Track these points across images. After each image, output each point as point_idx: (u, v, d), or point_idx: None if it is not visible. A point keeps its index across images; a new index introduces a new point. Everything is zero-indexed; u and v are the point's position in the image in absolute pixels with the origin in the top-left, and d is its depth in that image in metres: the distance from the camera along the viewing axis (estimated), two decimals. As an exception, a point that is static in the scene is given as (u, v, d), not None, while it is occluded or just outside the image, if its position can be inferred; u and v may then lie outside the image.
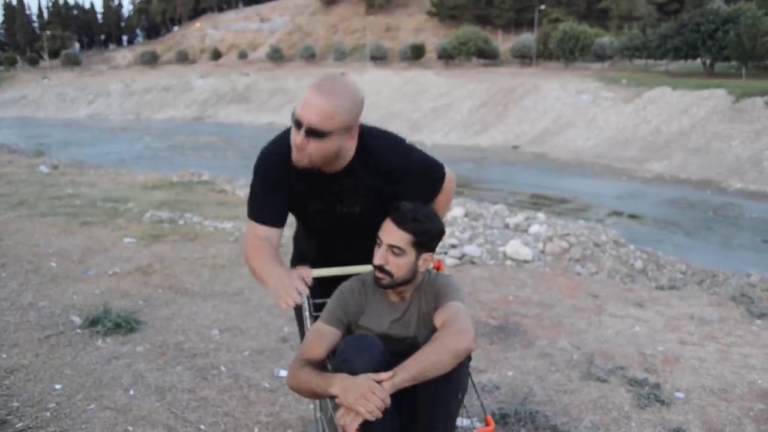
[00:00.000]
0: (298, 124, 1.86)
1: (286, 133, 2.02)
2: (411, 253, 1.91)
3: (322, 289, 2.21)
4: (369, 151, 2.02)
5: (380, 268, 1.92)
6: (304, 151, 1.88)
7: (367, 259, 2.09)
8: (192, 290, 4.77)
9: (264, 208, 2.13)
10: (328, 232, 2.22)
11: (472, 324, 1.84)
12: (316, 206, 2.11)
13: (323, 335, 1.93)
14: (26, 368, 3.18)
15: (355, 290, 2.02)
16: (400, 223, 1.89)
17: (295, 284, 1.94)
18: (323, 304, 2.08)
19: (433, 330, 1.87)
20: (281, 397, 3.10)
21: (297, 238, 2.42)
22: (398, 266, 1.92)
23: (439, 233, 1.96)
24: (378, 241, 1.94)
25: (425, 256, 1.95)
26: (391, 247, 1.90)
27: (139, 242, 6.20)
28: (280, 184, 2.08)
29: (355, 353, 1.80)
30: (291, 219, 2.25)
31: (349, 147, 1.98)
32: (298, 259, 2.42)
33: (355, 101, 1.90)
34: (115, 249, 5.87)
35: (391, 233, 1.91)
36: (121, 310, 3.97)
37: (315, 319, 2.13)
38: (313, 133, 1.84)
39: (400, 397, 1.73)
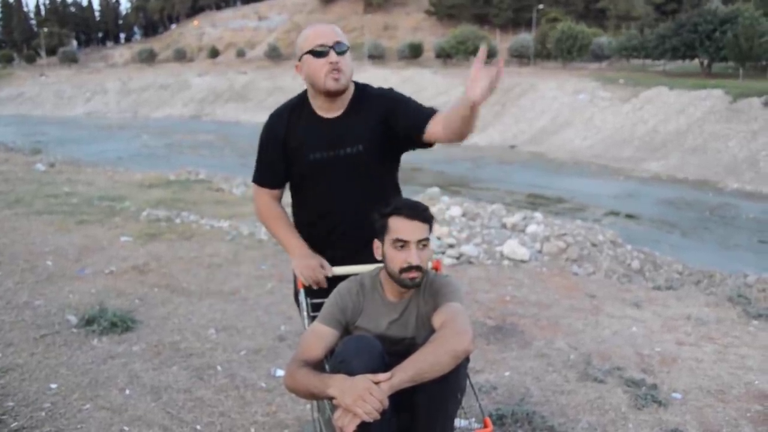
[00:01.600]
0: (322, 51, 2.09)
1: (286, 102, 2.30)
2: (429, 242, 1.96)
3: (320, 289, 2.22)
4: (361, 92, 2.25)
5: (418, 268, 1.91)
6: (340, 68, 2.10)
7: (358, 231, 2.20)
8: (188, 289, 4.75)
9: (266, 171, 2.34)
10: (325, 190, 2.25)
11: (470, 325, 1.84)
12: (317, 155, 2.20)
13: (321, 336, 1.92)
14: (21, 367, 3.16)
15: (353, 291, 2.01)
16: (417, 216, 1.91)
17: (317, 273, 2.22)
18: (321, 304, 2.07)
19: (432, 331, 1.87)
20: (278, 397, 3.09)
21: (301, 232, 2.41)
22: (426, 259, 1.94)
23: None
24: (400, 244, 1.90)
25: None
26: (420, 242, 1.91)
27: (135, 241, 6.19)
28: (277, 140, 2.25)
29: (354, 354, 1.79)
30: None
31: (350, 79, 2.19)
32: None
33: None
34: (112, 248, 5.85)
35: (416, 229, 1.91)
36: (117, 309, 3.96)
37: (312, 319, 2.12)
38: (342, 49, 2.11)
39: (398, 398, 1.73)
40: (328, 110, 2.20)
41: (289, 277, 5.12)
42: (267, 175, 2.34)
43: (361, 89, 2.26)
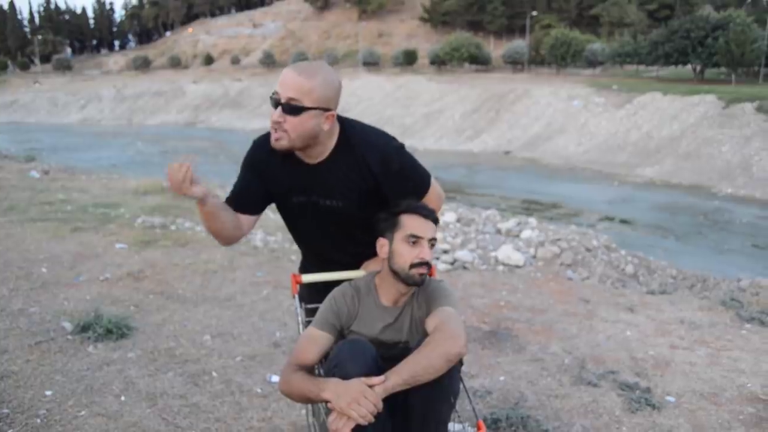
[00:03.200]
0: (275, 101, 1.92)
1: (268, 133, 2.06)
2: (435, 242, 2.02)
3: (314, 294, 2.22)
4: (351, 144, 2.03)
5: (428, 264, 1.96)
6: (282, 129, 1.91)
7: (357, 260, 2.20)
8: (183, 296, 4.76)
9: (240, 196, 2.15)
10: (313, 230, 2.21)
11: (463, 329, 1.86)
12: (300, 199, 2.12)
13: (315, 340, 1.93)
14: (16, 375, 3.16)
15: (348, 295, 2.02)
16: (429, 216, 1.98)
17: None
18: (316, 309, 2.08)
19: (425, 335, 1.88)
20: (273, 403, 3.09)
21: (298, 242, 2.42)
22: (432, 256, 2.01)
23: None
24: (413, 239, 1.94)
25: None
26: (430, 240, 1.98)
27: (130, 248, 6.18)
28: (261, 174, 2.12)
29: (348, 358, 1.80)
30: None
31: (327, 131, 1.98)
32: (304, 264, 2.45)
33: (330, 80, 1.93)
34: (107, 255, 5.85)
35: (428, 228, 1.97)
36: (112, 316, 3.95)
37: (307, 323, 2.13)
38: (290, 108, 1.88)
39: (392, 401, 1.74)
40: (306, 156, 2.04)
41: (285, 283, 5.14)
42: (236, 197, 2.15)
43: (347, 135, 2.04)
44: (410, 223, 1.96)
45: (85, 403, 2.94)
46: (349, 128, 2.06)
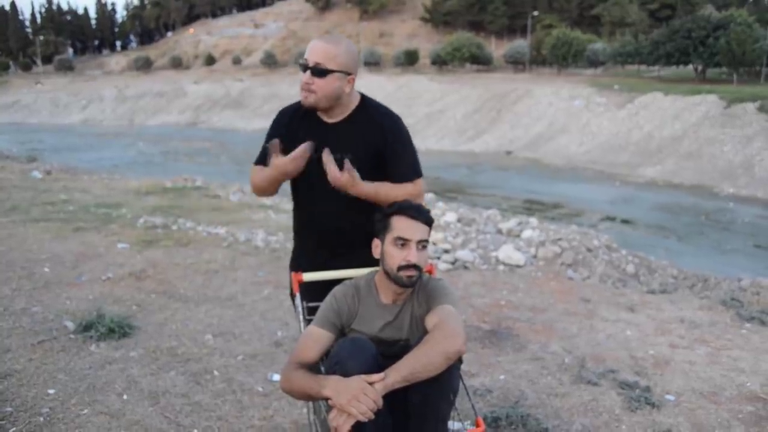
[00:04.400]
0: (304, 66, 2.16)
1: (298, 101, 2.31)
2: (429, 244, 2.04)
3: (315, 292, 2.25)
4: (368, 109, 2.30)
5: (415, 266, 1.95)
6: (311, 89, 2.16)
7: (356, 233, 2.23)
8: (185, 295, 4.78)
9: (265, 156, 2.32)
10: (319, 189, 2.26)
11: (462, 327, 1.88)
12: (313, 155, 2.22)
13: (316, 338, 1.96)
14: (19, 373, 3.18)
15: (348, 294, 2.05)
16: (420, 217, 1.98)
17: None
18: (317, 308, 2.10)
19: (425, 332, 1.90)
20: (275, 402, 3.11)
21: (297, 231, 2.47)
22: (425, 259, 1.99)
23: None
24: (401, 242, 1.96)
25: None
26: (420, 242, 1.97)
27: (132, 248, 6.20)
28: (284, 134, 2.29)
29: (348, 356, 1.83)
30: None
31: (348, 94, 2.24)
32: (298, 255, 2.48)
33: (351, 48, 2.23)
34: (109, 254, 5.87)
35: (417, 229, 1.97)
36: (114, 315, 3.98)
37: (308, 322, 2.15)
38: (318, 71, 2.15)
39: (392, 398, 1.76)
40: (328, 116, 2.27)
41: (285, 284, 5.15)
42: (265, 159, 2.32)
43: (366, 103, 2.32)
44: (398, 225, 1.97)
45: (87, 402, 2.96)
46: (367, 99, 2.34)
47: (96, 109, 62.22)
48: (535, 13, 64.80)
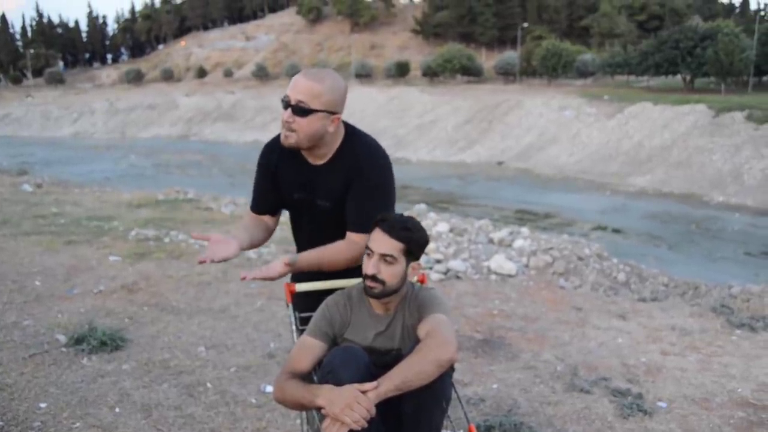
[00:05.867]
0: (286, 103, 2.05)
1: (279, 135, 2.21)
2: (402, 262, 1.95)
3: (308, 302, 2.25)
4: (349, 149, 2.18)
5: (373, 278, 1.93)
6: (291, 128, 2.06)
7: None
8: (178, 308, 4.76)
9: (259, 202, 2.37)
10: (309, 226, 2.31)
11: (454, 335, 1.89)
12: (300, 195, 2.25)
13: (308, 348, 1.96)
14: (11, 387, 3.16)
15: (341, 304, 2.05)
16: (391, 232, 1.93)
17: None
18: (309, 318, 2.10)
19: (417, 341, 1.91)
20: (268, 413, 3.11)
21: (296, 246, 2.48)
22: (391, 275, 1.94)
23: (426, 242, 2.02)
24: (368, 252, 1.96)
25: (413, 264, 2.00)
26: (383, 256, 1.92)
27: (124, 260, 6.19)
28: (267, 174, 2.28)
29: (341, 365, 1.83)
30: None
31: (332, 134, 2.12)
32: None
33: (338, 85, 2.08)
34: (101, 267, 5.85)
35: (382, 242, 1.93)
36: (106, 328, 3.96)
37: (301, 332, 2.16)
38: (300, 110, 2.03)
39: (385, 407, 1.76)
40: (311, 156, 2.19)
41: (278, 296, 5.15)
42: (256, 202, 2.38)
43: (348, 141, 2.19)
44: (372, 235, 1.98)
45: (79, 415, 2.95)
46: (351, 135, 2.20)
47: (87, 122, 62.07)
48: (525, 24, 65.33)
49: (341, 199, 2.18)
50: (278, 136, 2.21)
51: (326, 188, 2.19)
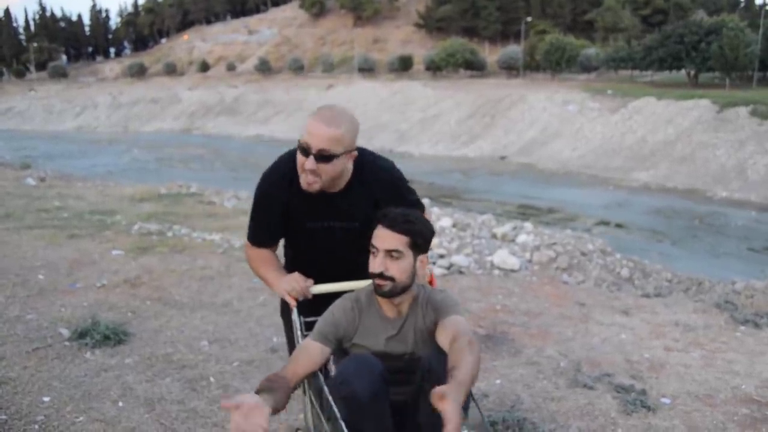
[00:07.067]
0: (306, 151, 2.04)
1: (283, 159, 2.24)
2: (409, 256, 1.91)
3: (314, 307, 2.22)
4: (363, 172, 2.22)
5: (381, 275, 1.89)
6: (316, 174, 2.06)
7: (361, 274, 2.15)
8: (180, 302, 4.77)
9: (261, 232, 2.33)
10: (320, 249, 2.29)
11: (473, 336, 1.86)
12: (315, 225, 2.23)
13: (309, 351, 1.93)
14: (14, 381, 3.17)
15: (348, 307, 2.01)
16: (394, 226, 1.89)
17: (299, 282, 2.20)
18: (314, 323, 2.07)
19: (432, 344, 1.89)
20: (270, 408, 3.10)
21: (288, 260, 2.46)
22: (399, 270, 1.90)
23: (431, 233, 1.99)
24: (373, 250, 1.92)
25: (421, 257, 1.96)
26: (389, 252, 1.89)
27: (127, 254, 6.19)
28: (276, 207, 2.24)
29: (354, 375, 1.79)
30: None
31: (350, 166, 2.17)
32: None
33: (354, 125, 2.11)
34: (103, 261, 5.86)
35: (386, 238, 1.89)
36: (109, 322, 3.97)
37: (306, 337, 2.12)
38: (324, 158, 2.03)
39: (401, 417, 1.73)
40: (326, 188, 2.17)
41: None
42: (263, 235, 2.33)
43: (362, 166, 2.22)
44: (375, 232, 1.94)
45: (83, 409, 2.95)
46: (360, 158, 2.22)
47: (90, 115, 62.07)
48: (529, 18, 65.06)
49: (368, 218, 2.11)
50: (278, 174, 2.22)
51: (350, 212, 2.21)
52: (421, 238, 1.94)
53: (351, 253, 2.25)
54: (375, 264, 1.91)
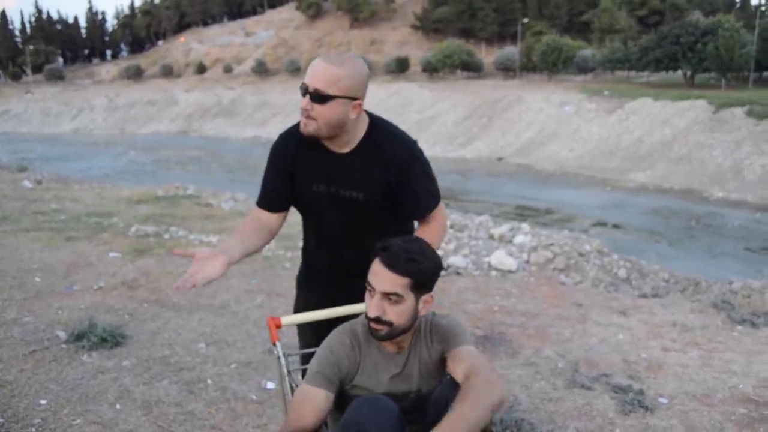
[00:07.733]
0: (304, 90, 1.93)
1: (297, 124, 2.08)
2: (410, 298, 1.66)
3: (313, 335, 2.10)
4: (378, 137, 2.06)
5: (377, 320, 1.66)
6: (310, 116, 1.93)
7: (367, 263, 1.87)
8: (178, 304, 4.76)
9: (266, 194, 2.18)
10: (328, 222, 2.14)
11: (494, 370, 1.68)
12: (320, 188, 2.08)
13: (313, 401, 1.66)
14: (11, 384, 3.16)
15: (347, 343, 1.76)
16: (393, 266, 1.63)
17: (198, 265, 1.81)
18: (311, 355, 1.84)
19: (440, 378, 1.74)
20: (268, 409, 3.10)
21: (305, 250, 2.33)
22: (398, 314, 1.66)
23: (438, 268, 1.72)
24: (369, 288, 1.68)
25: (425, 297, 1.71)
26: (386, 294, 1.64)
27: (124, 257, 6.18)
28: (282, 162, 2.12)
29: (370, 421, 1.58)
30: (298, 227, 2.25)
31: (354, 121, 2.00)
32: (306, 273, 2.34)
33: (358, 69, 1.95)
34: (100, 264, 5.84)
35: (384, 279, 1.64)
36: (106, 324, 3.96)
37: (303, 372, 1.96)
38: (318, 97, 1.90)
39: None
40: (334, 145, 2.04)
41: (279, 291, 5.14)
42: (268, 196, 2.17)
43: (376, 128, 2.07)
44: (372, 267, 1.68)
45: (80, 412, 2.94)
46: (377, 123, 2.10)
47: (87, 118, 61.99)
48: (525, 20, 65.17)
49: (376, 191, 2.03)
50: (296, 124, 2.06)
51: (356, 178, 2.04)
52: (424, 276, 1.68)
53: (359, 233, 2.08)
54: (371, 307, 1.67)
